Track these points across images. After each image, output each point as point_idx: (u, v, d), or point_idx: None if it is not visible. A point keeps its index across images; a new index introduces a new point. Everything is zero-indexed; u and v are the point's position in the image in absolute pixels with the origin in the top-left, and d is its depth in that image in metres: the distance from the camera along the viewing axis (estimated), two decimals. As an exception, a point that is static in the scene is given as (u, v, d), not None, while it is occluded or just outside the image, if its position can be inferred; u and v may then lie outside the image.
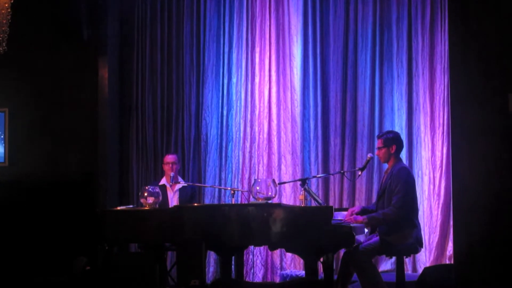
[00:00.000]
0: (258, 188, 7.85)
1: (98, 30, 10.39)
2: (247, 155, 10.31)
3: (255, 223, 7.49)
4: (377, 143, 8.08)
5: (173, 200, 9.36)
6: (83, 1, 10.19)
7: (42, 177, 10.14)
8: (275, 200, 8.04)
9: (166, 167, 9.47)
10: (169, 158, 9.47)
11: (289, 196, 10.05)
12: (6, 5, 8.60)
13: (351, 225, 7.49)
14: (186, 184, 9.53)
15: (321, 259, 7.46)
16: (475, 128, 7.90)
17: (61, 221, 9.86)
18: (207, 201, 10.19)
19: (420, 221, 8.57)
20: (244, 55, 10.47)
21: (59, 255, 9.72)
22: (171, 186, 9.43)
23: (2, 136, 10.32)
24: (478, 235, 7.17)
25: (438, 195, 9.72)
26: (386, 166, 8.18)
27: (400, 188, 7.67)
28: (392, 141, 7.92)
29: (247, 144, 10.32)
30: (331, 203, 9.87)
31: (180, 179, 9.55)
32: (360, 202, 9.80)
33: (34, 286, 8.99)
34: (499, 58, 8.38)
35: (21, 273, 9.64)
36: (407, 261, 9.49)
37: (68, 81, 10.36)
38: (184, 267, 8.17)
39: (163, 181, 9.50)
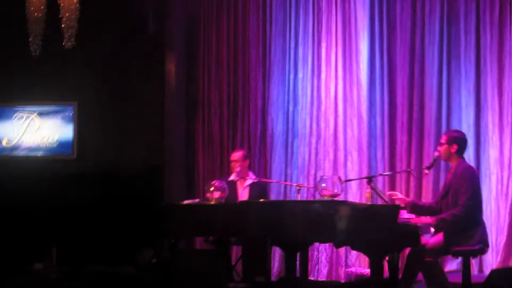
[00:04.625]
0: (324, 184, 7.86)
1: (164, 24, 10.47)
2: (313, 151, 10.28)
3: (320, 219, 7.50)
4: (441, 138, 8.02)
5: (243, 195, 9.37)
6: (149, -5, 10.29)
7: (109, 169, 10.26)
8: (341, 197, 8.03)
9: (233, 164, 9.50)
10: (235, 155, 9.50)
11: (355, 193, 9.99)
12: (75, 0, 8.73)
13: (418, 224, 7.46)
14: (256, 180, 9.54)
15: (387, 258, 7.45)
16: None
17: (128, 214, 9.97)
18: (273, 197, 10.17)
19: (487, 222, 8.51)
20: (310, 51, 10.43)
21: (125, 247, 9.83)
22: (239, 181, 9.45)
23: (72, 129, 10.47)
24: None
25: (506, 195, 9.57)
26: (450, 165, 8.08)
27: (467, 188, 7.59)
28: (454, 140, 7.83)
29: (313, 140, 10.29)
30: (397, 201, 9.79)
31: (250, 174, 9.56)
32: (427, 200, 9.65)
33: (100, 276, 9.11)
34: None
35: (88, 263, 9.77)
36: (474, 261, 9.37)
37: (135, 75, 10.46)
38: (249, 263, 8.25)
39: (232, 177, 9.52)
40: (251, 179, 9.46)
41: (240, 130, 10.53)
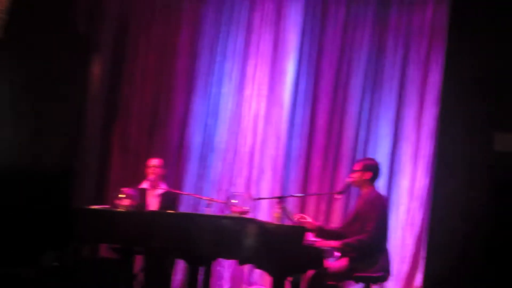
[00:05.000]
0: (234, 201, 7.81)
1: (94, 25, 10.39)
2: (227, 166, 10.27)
3: (227, 235, 7.43)
4: (355, 165, 8.06)
5: (153, 204, 9.29)
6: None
7: (21, 167, 10.07)
8: (250, 215, 8.00)
9: (149, 170, 9.41)
10: (153, 162, 9.41)
11: (266, 212, 9.98)
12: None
13: (323, 248, 7.48)
14: (167, 190, 9.47)
15: (289, 279, 7.44)
16: (459, 162, 7.92)
17: (35, 215, 9.78)
18: (183, 208, 10.08)
19: (393, 250, 8.56)
20: (236, 66, 10.46)
21: (28, 248, 9.64)
22: (151, 190, 9.37)
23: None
24: (449, 268, 7.16)
25: (412, 225, 9.66)
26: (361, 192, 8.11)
27: (375, 216, 7.62)
28: (369, 167, 7.86)
29: (229, 156, 10.28)
30: (305, 225, 9.80)
31: (162, 184, 9.49)
32: (335, 225, 9.73)
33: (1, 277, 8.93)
34: (490, 96, 8.43)
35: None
36: (374, 288, 9.45)
37: (58, 71, 10.28)
38: (151, 274, 8.16)
39: (144, 184, 9.44)
40: (162, 189, 9.39)
41: (158, 139, 10.46)
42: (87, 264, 8.27)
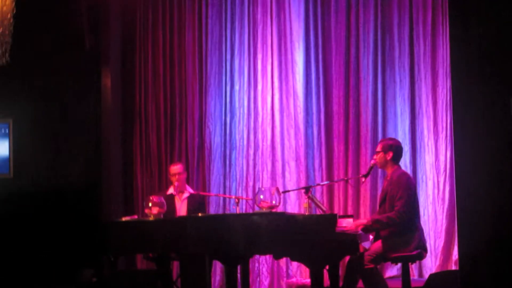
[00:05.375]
0: (262, 196, 7.84)
1: (100, 38, 10.38)
2: (251, 162, 10.33)
3: (259, 232, 7.49)
4: (376, 147, 8.10)
5: (181, 209, 9.35)
6: (84, 10, 10.19)
7: (46, 187, 10.12)
8: (280, 208, 8.05)
9: (172, 178, 9.47)
10: (174, 169, 9.47)
11: (294, 204, 10.06)
12: (9, 15, 8.61)
13: (356, 232, 7.51)
14: (194, 193, 9.53)
15: (327, 267, 7.49)
16: (478, 131, 7.89)
17: (66, 232, 9.84)
18: (212, 209, 10.19)
19: (425, 226, 8.63)
20: (246, 62, 10.50)
21: (64, 266, 9.69)
22: (177, 195, 9.42)
23: (7, 147, 10.31)
24: (483, 240, 7.16)
25: (443, 199, 9.72)
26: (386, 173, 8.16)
27: (402, 193, 7.67)
28: (390, 147, 7.91)
29: (251, 152, 10.34)
30: (335, 210, 9.86)
31: (188, 187, 9.55)
32: (365, 208, 9.82)
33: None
34: (500, 61, 8.39)
35: (27, 284, 9.63)
36: (413, 266, 9.48)
37: (71, 89, 10.32)
38: (188, 280, 8.19)
39: (171, 190, 9.50)
40: (188, 192, 9.44)
41: (178, 144, 10.50)
42: (125, 277, 8.31)
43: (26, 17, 9.25)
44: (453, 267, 9.51)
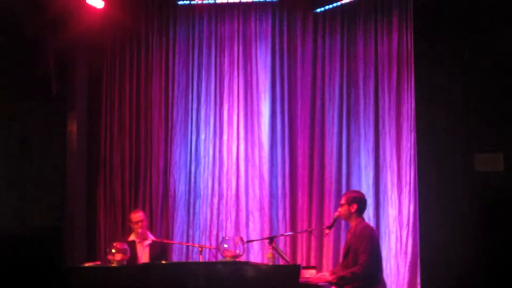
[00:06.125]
0: (226, 245, 7.87)
1: (66, 84, 10.40)
2: (215, 211, 10.33)
3: (223, 281, 7.48)
4: (341, 199, 8.14)
5: (143, 256, 9.31)
6: (51, 55, 10.21)
7: (6, 231, 10.02)
8: (243, 258, 8.05)
9: (134, 225, 9.44)
10: (136, 216, 9.44)
11: (257, 253, 10.04)
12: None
13: (319, 284, 7.52)
14: (156, 240, 9.50)
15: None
16: (442, 185, 7.99)
17: (26, 277, 9.72)
18: (175, 257, 10.15)
19: (387, 279, 8.63)
20: (212, 112, 10.55)
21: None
22: (140, 242, 9.38)
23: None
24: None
25: (405, 253, 9.72)
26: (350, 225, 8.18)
27: (366, 247, 7.68)
28: (354, 200, 7.95)
29: (215, 201, 10.35)
30: (299, 261, 9.86)
31: (149, 234, 9.51)
32: (328, 260, 9.81)
33: None
34: (464, 118, 8.52)
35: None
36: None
37: (37, 135, 10.33)
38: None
39: (132, 237, 9.46)
40: (151, 239, 9.41)
41: (142, 191, 10.48)
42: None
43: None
44: (414, 322, 9.52)
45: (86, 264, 8.48)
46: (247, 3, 10.59)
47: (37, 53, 10.15)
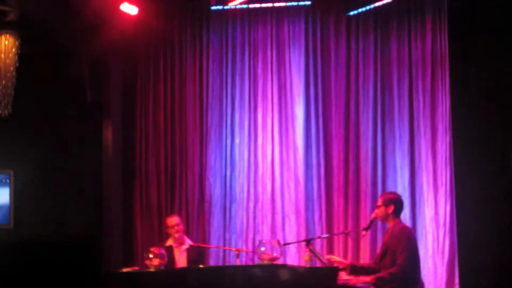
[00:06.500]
0: (263, 249, 7.89)
1: (101, 91, 10.47)
2: (251, 215, 10.35)
3: (260, 284, 7.51)
4: (377, 201, 8.14)
5: (181, 260, 9.35)
6: (86, 63, 10.30)
7: (47, 238, 10.13)
8: (280, 261, 8.06)
9: (171, 230, 9.49)
10: (172, 221, 9.49)
11: (294, 256, 10.04)
12: (11, 68, 8.75)
13: (357, 285, 7.52)
14: (193, 244, 9.53)
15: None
16: (479, 187, 7.95)
17: (66, 283, 9.81)
18: (212, 261, 10.18)
19: (425, 280, 8.60)
20: (247, 116, 10.58)
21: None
22: (177, 247, 9.42)
23: (8, 198, 10.34)
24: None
25: (443, 253, 9.69)
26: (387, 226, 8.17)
27: (404, 248, 7.68)
28: (390, 201, 7.95)
29: (251, 205, 10.36)
30: (336, 263, 9.83)
31: (186, 239, 9.56)
32: (365, 261, 9.75)
33: None
34: (501, 117, 8.48)
35: None
36: (414, 320, 9.44)
37: (72, 143, 10.41)
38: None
39: (169, 242, 9.50)
40: (188, 243, 9.45)
41: (178, 196, 10.52)
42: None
43: (28, 70, 9.38)
44: (454, 320, 9.49)
45: (124, 270, 8.54)
46: (280, 7, 10.59)
47: (71, 60, 10.22)
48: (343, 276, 7.89)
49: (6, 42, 9.48)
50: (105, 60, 10.44)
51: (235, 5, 10.37)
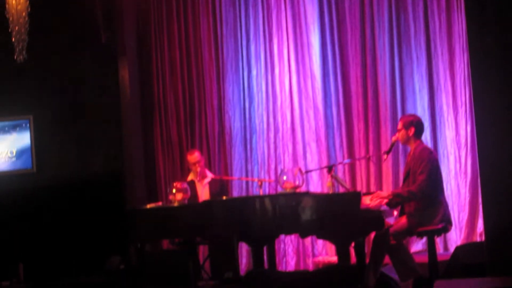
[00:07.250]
0: (285, 177, 7.91)
1: (115, 31, 10.47)
2: (271, 145, 10.36)
3: (284, 212, 7.57)
4: (397, 125, 8.11)
5: (203, 194, 9.41)
6: (99, 4, 10.27)
7: (69, 180, 10.22)
8: (303, 189, 8.10)
9: (192, 166, 9.54)
10: (193, 157, 9.52)
11: (317, 184, 10.08)
12: (24, 13, 8.71)
13: (380, 209, 7.54)
14: (215, 177, 9.59)
15: (353, 244, 7.51)
16: (498, 104, 7.89)
17: (92, 222, 9.92)
18: (235, 193, 10.25)
19: (448, 200, 8.61)
20: (262, 47, 10.52)
21: (92, 256, 9.78)
22: (199, 181, 9.48)
23: (29, 143, 10.41)
24: (508, 212, 7.16)
25: (465, 173, 9.70)
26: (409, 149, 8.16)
27: (424, 168, 7.65)
28: (411, 123, 7.90)
29: (271, 135, 10.36)
30: (358, 188, 9.85)
31: (208, 172, 9.61)
32: (388, 185, 9.81)
33: (70, 287, 9.07)
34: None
35: (57, 274, 9.71)
36: (438, 240, 9.46)
37: (89, 84, 10.48)
38: (217, 261, 8.27)
39: (191, 176, 9.56)
40: (209, 177, 9.51)
41: (198, 131, 10.55)
42: (153, 260, 8.36)
43: (41, 14, 9.36)
44: (478, 239, 9.50)
45: (148, 206, 8.61)
46: None
47: (85, 2, 10.21)
48: (366, 200, 7.90)
49: (17, -13, 9.43)
50: (118, 1, 10.41)
51: None
